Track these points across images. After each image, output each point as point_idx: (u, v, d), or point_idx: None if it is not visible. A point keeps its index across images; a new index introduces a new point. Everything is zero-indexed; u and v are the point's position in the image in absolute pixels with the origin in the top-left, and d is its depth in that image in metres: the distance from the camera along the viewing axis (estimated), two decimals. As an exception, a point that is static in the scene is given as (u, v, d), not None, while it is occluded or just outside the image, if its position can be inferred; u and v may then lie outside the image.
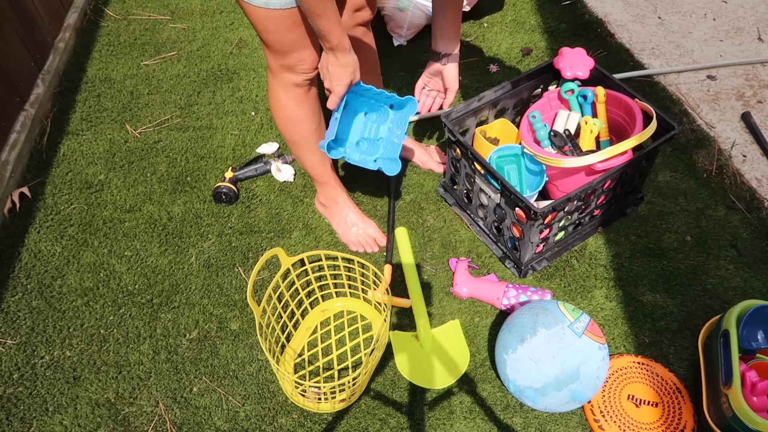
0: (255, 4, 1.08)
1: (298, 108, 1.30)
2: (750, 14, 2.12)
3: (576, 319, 1.17)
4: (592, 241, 1.51)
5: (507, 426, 1.23)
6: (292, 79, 1.24)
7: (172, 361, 1.34)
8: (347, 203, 1.53)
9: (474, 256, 1.50)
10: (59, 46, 1.98)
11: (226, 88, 1.95)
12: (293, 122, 1.33)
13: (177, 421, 1.26)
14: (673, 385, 1.25)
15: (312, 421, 1.25)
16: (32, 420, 1.26)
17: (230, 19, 2.20)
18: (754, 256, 1.47)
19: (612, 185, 1.37)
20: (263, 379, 1.31)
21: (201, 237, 1.56)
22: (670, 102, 1.83)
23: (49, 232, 1.57)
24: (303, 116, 1.32)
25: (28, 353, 1.35)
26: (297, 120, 1.32)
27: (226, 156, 1.75)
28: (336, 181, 1.50)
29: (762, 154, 1.69)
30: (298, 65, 1.20)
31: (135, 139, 1.80)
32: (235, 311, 1.42)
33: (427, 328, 1.34)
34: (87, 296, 1.45)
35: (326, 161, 1.45)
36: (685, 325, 1.36)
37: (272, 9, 1.08)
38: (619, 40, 2.04)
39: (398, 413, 1.25)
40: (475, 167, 1.41)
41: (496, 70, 1.96)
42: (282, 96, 1.28)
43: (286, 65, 1.21)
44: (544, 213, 1.25)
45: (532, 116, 1.45)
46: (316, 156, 1.41)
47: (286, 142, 1.40)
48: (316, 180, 1.49)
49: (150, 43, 2.10)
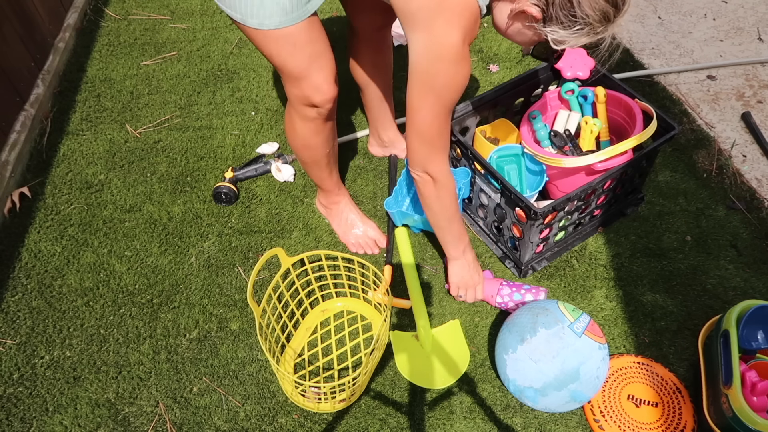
0: (253, 27, 1.06)
1: (314, 136, 1.29)
2: (750, 14, 2.12)
3: (576, 319, 1.17)
4: (592, 241, 1.51)
5: (507, 426, 1.23)
6: (309, 112, 1.22)
7: (172, 361, 1.34)
8: (348, 205, 1.53)
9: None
10: (59, 46, 1.98)
11: (226, 88, 1.95)
12: (308, 148, 1.33)
13: (177, 421, 1.26)
14: (673, 385, 1.25)
15: (312, 421, 1.25)
16: (32, 420, 1.26)
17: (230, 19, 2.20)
18: (754, 256, 1.47)
19: (612, 185, 1.37)
20: (263, 379, 1.31)
21: (201, 237, 1.56)
22: (670, 102, 1.83)
23: (49, 232, 1.57)
24: (318, 143, 1.31)
25: (28, 353, 1.35)
26: (312, 147, 1.32)
27: (226, 156, 1.75)
28: (340, 187, 1.50)
29: (762, 154, 1.69)
30: (314, 96, 1.17)
31: (135, 139, 1.80)
32: (235, 311, 1.42)
33: (427, 328, 1.34)
34: (87, 296, 1.45)
35: (334, 174, 1.45)
36: (685, 325, 1.36)
37: (269, 30, 1.05)
38: (619, 40, 2.04)
39: (398, 413, 1.25)
40: (475, 167, 1.41)
41: (496, 70, 1.96)
42: (298, 125, 1.27)
43: (303, 96, 1.18)
44: (544, 213, 1.25)
45: (533, 116, 1.45)
46: (324, 172, 1.42)
47: (298, 160, 1.40)
48: (320, 187, 1.49)
49: (150, 43, 2.10)
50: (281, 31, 1.06)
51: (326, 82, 1.16)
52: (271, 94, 1.92)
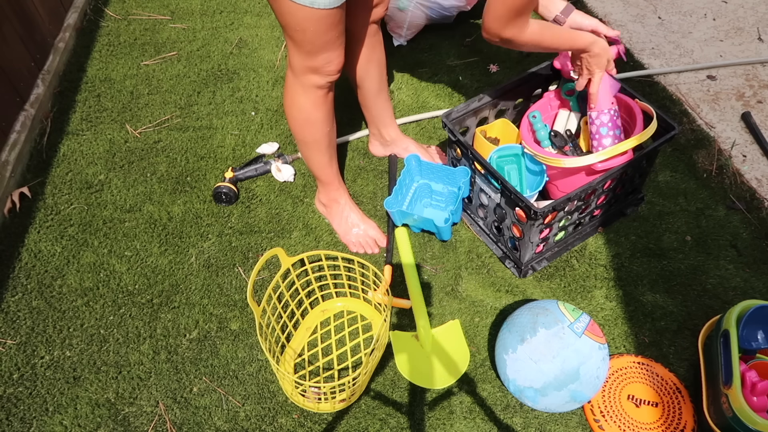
0: (301, 3, 1.05)
1: (315, 110, 1.29)
2: (750, 14, 2.12)
3: (576, 319, 1.17)
4: (592, 241, 1.51)
5: (507, 426, 1.23)
6: (315, 81, 1.23)
7: (172, 361, 1.34)
8: (348, 204, 1.53)
9: (474, 256, 1.50)
10: (59, 46, 1.98)
11: (226, 88, 1.95)
12: (309, 124, 1.32)
13: (177, 421, 1.26)
14: (673, 385, 1.25)
15: (312, 421, 1.25)
16: (32, 420, 1.26)
17: (230, 19, 2.20)
18: (754, 256, 1.47)
19: (612, 185, 1.37)
20: (263, 379, 1.31)
21: (201, 237, 1.56)
22: (670, 102, 1.83)
23: (49, 232, 1.57)
24: (319, 118, 1.31)
25: (28, 353, 1.35)
26: (313, 122, 1.32)
27: (226, 156, 1.75)
28: (340, 182, 1.50)
29: (762, 154, 1.69)
30: (325, 66, 1.19)
31: (135, 139, 1.80)
32: (235, 311, 1.42)
33: (427, 328, 1.34)
34: (87, 296, 1.45)
35: (333, 162, 1.45)
36: (685, 325, 1.36)
37: (318, 9, 1.06)
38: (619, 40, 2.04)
39: (398, 413, 1.25)
40: (475, 167, 1.41)
41: (496, 70, 1.96)
42: (301, 98, 1.27)
43: (313, 66, 1.19)
44: (544, 213, 1.25)
45: (533, 116, 1.44)
46: (324, 157, 1.41)
47: (297, 142, 1.40)
48: (320, 180, 1.49)
49: (150, 43, 2.10)
50: (329, 11, 1.08)
51: (340, 54, 1.20)
52: (271, 94, 1.92)
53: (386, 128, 1.64)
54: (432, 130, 1.81)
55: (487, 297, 1.43)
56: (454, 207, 1.46)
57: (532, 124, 1.45)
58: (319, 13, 1.07)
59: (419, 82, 1.94)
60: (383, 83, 1.54)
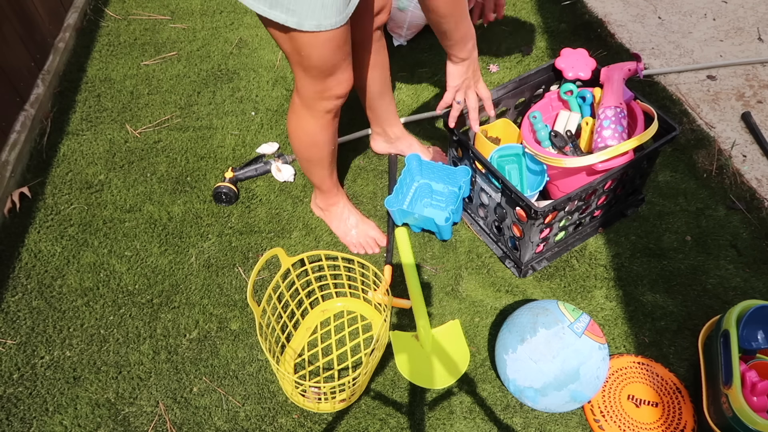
0: (306, 29, 1.01)
1: (322, 132, 1.28)
2: (750, 14, 2.12)
3: (576, 319, 1.17)
4: (592, 241, 1.51)
5: (507, 426, 1.23)
6: (324, 106, 1.21)
7: (172, 361, 1.34)
8: (347, 206, 1.53)
9: (474, 256, 1.50)
10: (59, 46, 1.98)
11: (226, 88, 1.95)
12: (314, 145, 1.32)
13: (177, 421, 1.26)
14: (673, 385, 1.25)
15: (312, 421, 1.25)
16: (32, 420, 1.26)
17: (230, 19, 2.20)
18: (754, 256, 1.47)
19: (613, 186, 1.37)
20: (263, 379, 1.31)
21: (201, 237, 1.56)
22: (670, 102, 1.83)
23: (49, 232, 1.57)
24: (326, 140, 1.31)
25: (28, 353, 1.35)
26: (319, 143, 1.32)
27: (226, 156, 1.75)
28: (338, 188, 1.50)
29: (762, 154, 1.69)
30: (335, 88, 1.17)
31: (135, 139, 1.80)
32: (235, 311, 1.42)
33: (427, 328, 1.34)
34: (87, 296, 1.45)
35: (333, 173, 1.45)
36: (685, 325, 1.36)
37: (323, 32, 1.03)
38: (619, 40, 2.04)
39: (398, 413, 1.25)
40: (476, 166, 1.41)
41: (496, 71, 1.96)
42: (309, 123, 1.26)
43: (323, 91, 1.17)
44: (545, 212, 1.25)
45: (533, 116, 1.44)
46: (326, 171, 1.41)
47: (299, 159, 1.39)
48: (319, 188, 1.49)
49: (150, 43, 2.10)
50: (335, 31, 1.04)
51: (350, 74, 1.18)
52: (271, 94, 1.92)
53: (391, 127, 1.64)
54: (432, 130, 1.81)
55: (487, 297, 1.43)
56: (455, 206, 1.46)
57: (532, 124, 1.45)
58: (325, 35, 1.04)
59: (419, 82, 1.94)
60: (387, 85, 1.54)
